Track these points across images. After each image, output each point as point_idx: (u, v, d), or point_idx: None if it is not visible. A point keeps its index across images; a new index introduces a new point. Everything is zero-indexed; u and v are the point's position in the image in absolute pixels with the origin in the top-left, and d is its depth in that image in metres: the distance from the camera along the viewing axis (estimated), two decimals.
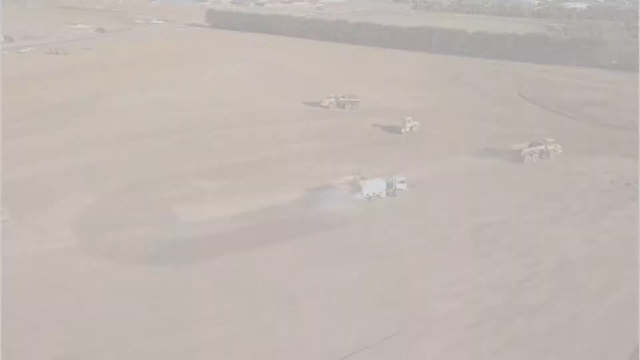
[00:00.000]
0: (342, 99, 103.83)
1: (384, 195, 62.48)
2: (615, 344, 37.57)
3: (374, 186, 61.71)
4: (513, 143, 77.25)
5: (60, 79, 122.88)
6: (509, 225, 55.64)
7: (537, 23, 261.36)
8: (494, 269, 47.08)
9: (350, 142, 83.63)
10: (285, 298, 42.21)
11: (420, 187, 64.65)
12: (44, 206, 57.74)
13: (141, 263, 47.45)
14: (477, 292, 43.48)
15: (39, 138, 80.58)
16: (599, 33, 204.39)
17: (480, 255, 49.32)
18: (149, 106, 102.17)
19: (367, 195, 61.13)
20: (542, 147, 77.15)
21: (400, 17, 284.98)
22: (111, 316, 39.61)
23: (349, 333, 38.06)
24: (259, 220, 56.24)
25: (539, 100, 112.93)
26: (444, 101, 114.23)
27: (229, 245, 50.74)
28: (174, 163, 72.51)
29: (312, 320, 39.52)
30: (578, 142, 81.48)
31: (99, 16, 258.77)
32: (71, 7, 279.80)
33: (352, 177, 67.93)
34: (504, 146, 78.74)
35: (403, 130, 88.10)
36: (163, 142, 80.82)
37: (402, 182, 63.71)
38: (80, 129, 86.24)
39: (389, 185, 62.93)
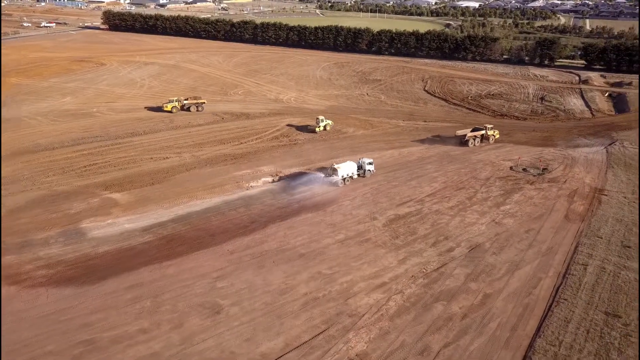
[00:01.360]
0: (185, 102, 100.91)
1: (355, 176, 67.10)
2: (524, 318, 40.37)
3: (347, 169, 66.21)
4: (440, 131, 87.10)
5: None
6: (423, 214, 58.03)
7: (435, 21, 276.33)
8: (412, 257, 48.84)
9: (266, 144, 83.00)
10: (209, 307, 40.94)
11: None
12: None
13: (47, 286, 43.70)
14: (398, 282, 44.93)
15: None
16: (491, 30, 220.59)
17: (400, 246, 50.91)
18: (47, 116, 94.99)
19: (342, 177, 65.35)
20: (483, 132, 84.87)
21: (306, 17, 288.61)
22: (20, 347, 36.15)
23: (278, 335, 37.73)
24: (176, 230, 54.11)
25: (443, 95, 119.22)
26: (354, 99, 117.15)
27: (144, 258, 48.32)
28: (78, 175, 67.90)
29: (238, 327, 38.66)
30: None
31: None
32: None
33: (271, 177, 67.83)
34: (424, 136, 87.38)
35: (317, 129, 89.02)
36: (64, 153, 75.28)
37: (370, 163, 69.00)
38: None
39: (359, 166, 67.83)
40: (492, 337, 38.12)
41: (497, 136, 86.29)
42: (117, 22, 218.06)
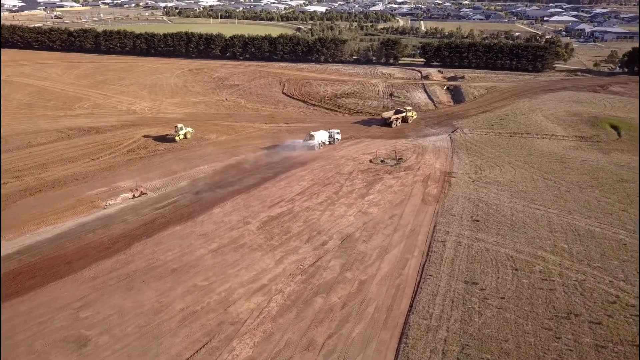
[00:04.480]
0: None
1: (327, 142, 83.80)
2: (397, 298, 42.77)
3: (321, 136, 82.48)
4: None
5: None
6: (295, 213, 58.63)
7: (286, 25, 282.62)
8: (289, 256, 48.99)
9: (121, 158, 77.36)
10: (73, 341, 36.74)
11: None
12: None
13: None
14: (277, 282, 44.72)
15: None
16: (339, 32, 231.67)
17: (275, 246, 50.73)
18: None
19: (317, 142, 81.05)
20: (404, 114, 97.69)
21: (153, 24, 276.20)
22: None
23: (156, 357, 35.15)
24: (24, 262, 47.77)
25: (301, 97, 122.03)
26: (213, 105, 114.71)
27: None
28: None
29: (110, 357, 35.27)
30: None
31: None
32: None
33: (131, 193, 63.43)
34: (287, 137, 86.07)
35: (177, 137, 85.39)
36: None
37: (338, 133, 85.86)
38: None
39: (330, 135, 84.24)
40: (371, 321, 39.74)
41: (415, 116, 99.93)
42: None
